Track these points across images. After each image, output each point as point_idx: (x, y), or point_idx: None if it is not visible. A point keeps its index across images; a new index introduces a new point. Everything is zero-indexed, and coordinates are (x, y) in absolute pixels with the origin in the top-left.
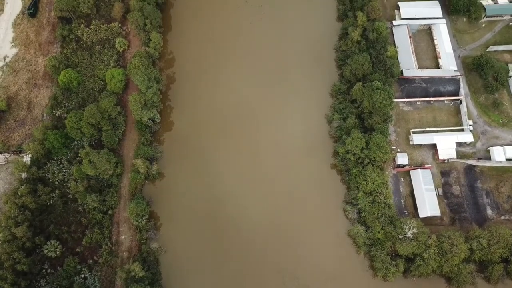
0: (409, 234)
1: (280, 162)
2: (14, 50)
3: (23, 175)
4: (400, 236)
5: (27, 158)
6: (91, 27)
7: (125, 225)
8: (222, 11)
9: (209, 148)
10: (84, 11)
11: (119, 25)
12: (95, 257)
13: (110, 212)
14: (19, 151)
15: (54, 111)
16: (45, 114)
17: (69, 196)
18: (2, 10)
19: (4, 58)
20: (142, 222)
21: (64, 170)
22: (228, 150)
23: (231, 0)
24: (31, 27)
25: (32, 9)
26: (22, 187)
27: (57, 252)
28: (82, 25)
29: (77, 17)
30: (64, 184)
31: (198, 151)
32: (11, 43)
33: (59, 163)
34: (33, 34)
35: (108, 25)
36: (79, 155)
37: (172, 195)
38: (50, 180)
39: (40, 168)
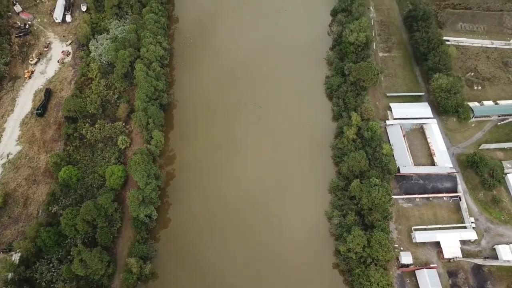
0: None
1: (280, 263)
2: (18, 148)
3: (10, 275)
4: None
5: (16, 257)
6: (96, 126)
7: None
8: (222, 111)
9: (207, 248)
10: (90, 111)
11: (123, 124)
12: None
13: None
14: (9, 249)
15: (50, 208)
16: (41, 211)
17: None
18: (12, 110)
19: (7, 156)
20: None
21: (53, 270)
22: (227, 251)
23: (231, 101)
24: (37, 126)
25: (41, 110)
26: None
27: None
28: (87, 124)
29: (83, 116)
30: (52, 285)
31: (195, 251)
32: (16, 141)
33: (49, 262)
34: (39, 133)
35: (112, 124)
36: (71, 253)
37: None
38: (37, 281)
39: (29, 268)
